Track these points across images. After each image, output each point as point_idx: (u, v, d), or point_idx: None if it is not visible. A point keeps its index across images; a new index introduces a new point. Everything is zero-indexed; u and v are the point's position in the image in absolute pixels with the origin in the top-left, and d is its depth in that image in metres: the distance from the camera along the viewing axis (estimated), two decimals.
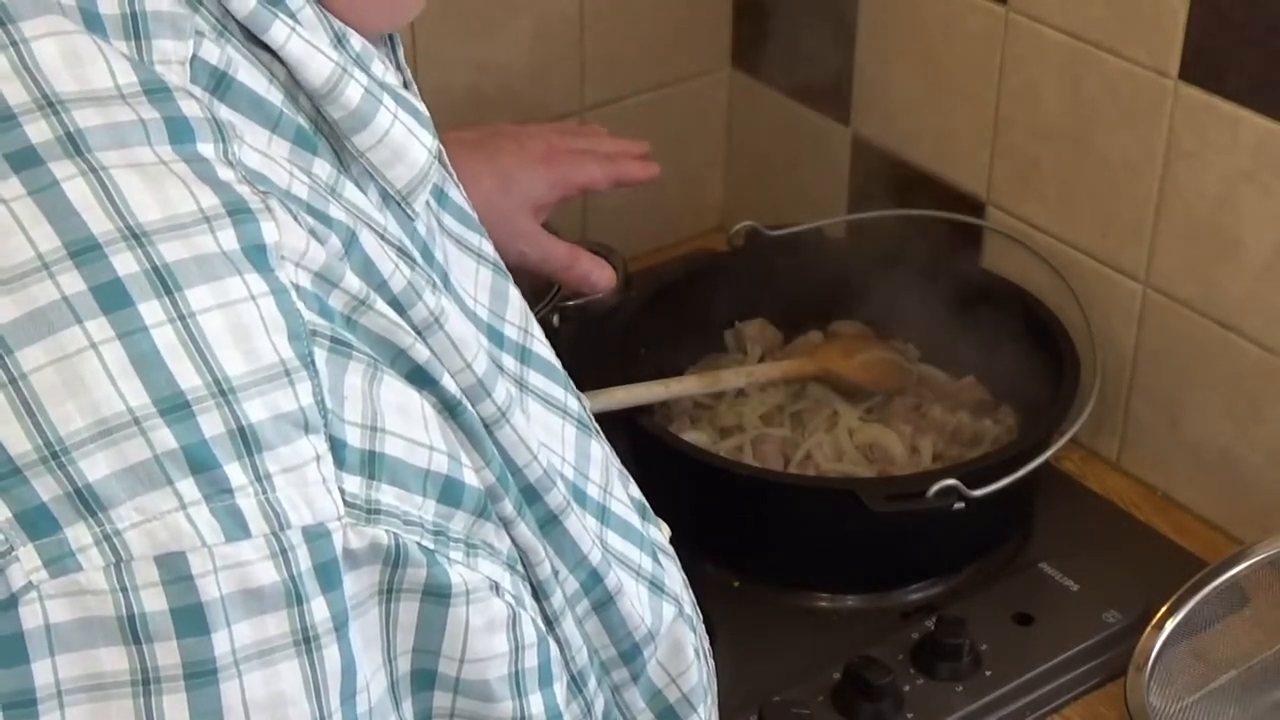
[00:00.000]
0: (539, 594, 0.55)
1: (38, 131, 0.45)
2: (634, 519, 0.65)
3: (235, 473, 0.44)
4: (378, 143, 0.53)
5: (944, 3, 1.27)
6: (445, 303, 0.53)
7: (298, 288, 0.47)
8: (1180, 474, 1.21)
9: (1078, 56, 1.18)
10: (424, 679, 0.50)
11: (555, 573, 0.57)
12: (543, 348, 0.63)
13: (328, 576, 0.45)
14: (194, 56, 0.49)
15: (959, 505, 1.04)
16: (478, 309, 0.60)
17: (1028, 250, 1.26)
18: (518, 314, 0.62)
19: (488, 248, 0.63)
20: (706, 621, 1.08)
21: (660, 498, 1.21)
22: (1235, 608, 1.11)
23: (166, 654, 0.43)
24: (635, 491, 0.68)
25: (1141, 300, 1.19)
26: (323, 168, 0.52)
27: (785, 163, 1.47)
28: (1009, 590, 1.10)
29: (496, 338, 0.60)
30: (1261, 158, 1.08)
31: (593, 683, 0.60)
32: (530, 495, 0.57)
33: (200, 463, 0.44)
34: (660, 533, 0.69)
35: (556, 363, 0.63)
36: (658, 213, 1.52)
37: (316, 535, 0.45)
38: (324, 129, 0.53)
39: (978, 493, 1.04)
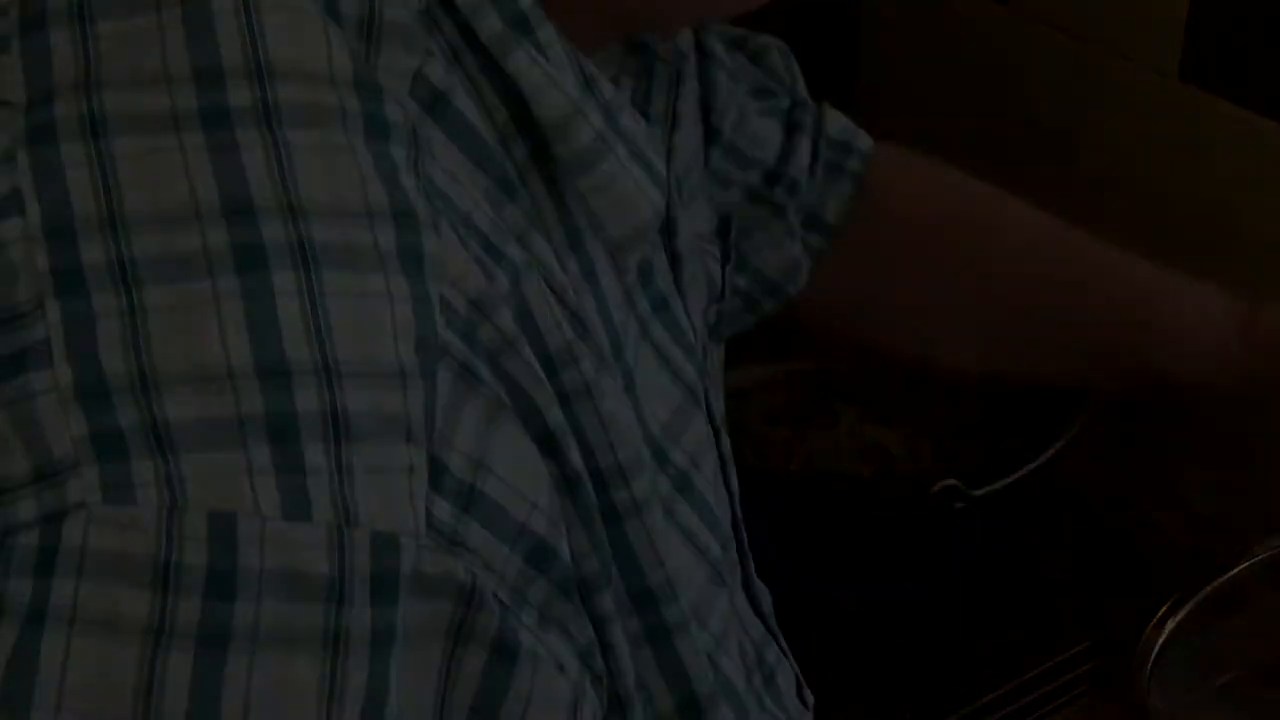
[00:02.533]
0: (621, 705, 0.53)
1: (238, 96, 0.46)
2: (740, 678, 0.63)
3: (314, 454, 0.43)
4: (600, 188, 0.53)
5: (944, 3, 1.27)
6: (606, 381, 0.52)
7: (448, 305, 0.46)
8: (1181, 474, 1.21)
9: (1078, 56, 1.18)
10: None
11: (645, 688, 0.55)
12: (706, 485, 0.61)
13: (383, 589, 0.43)
14: (418, 72, 0.49)
15: (959, 505, 1.04)
16: (651, 423, 0.59)
17: None
18: (693, 443, 0.61)
19: (689, 371, 0.62)
20: None
21: None
22: (1235, 608, 1.11)
23: (188, 610, 0.42)
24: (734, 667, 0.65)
25: None
26: (514, 214, 0.51)
27: None
28: (1009, 590, 1.10)
29: (661, 457, 0.59)
30: (1261, 158, 1.08)
31: None
32: (647, 600, 0.54)
33: (280, 432, 0.43)
34: None
35: (714, 507, 0.62)
36: None
37: (385, 544, 0.43)
38: (531, 180, 0.52)
39: (978, 493, 1.04)
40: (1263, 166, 1.08)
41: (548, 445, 0.49)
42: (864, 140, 0.95)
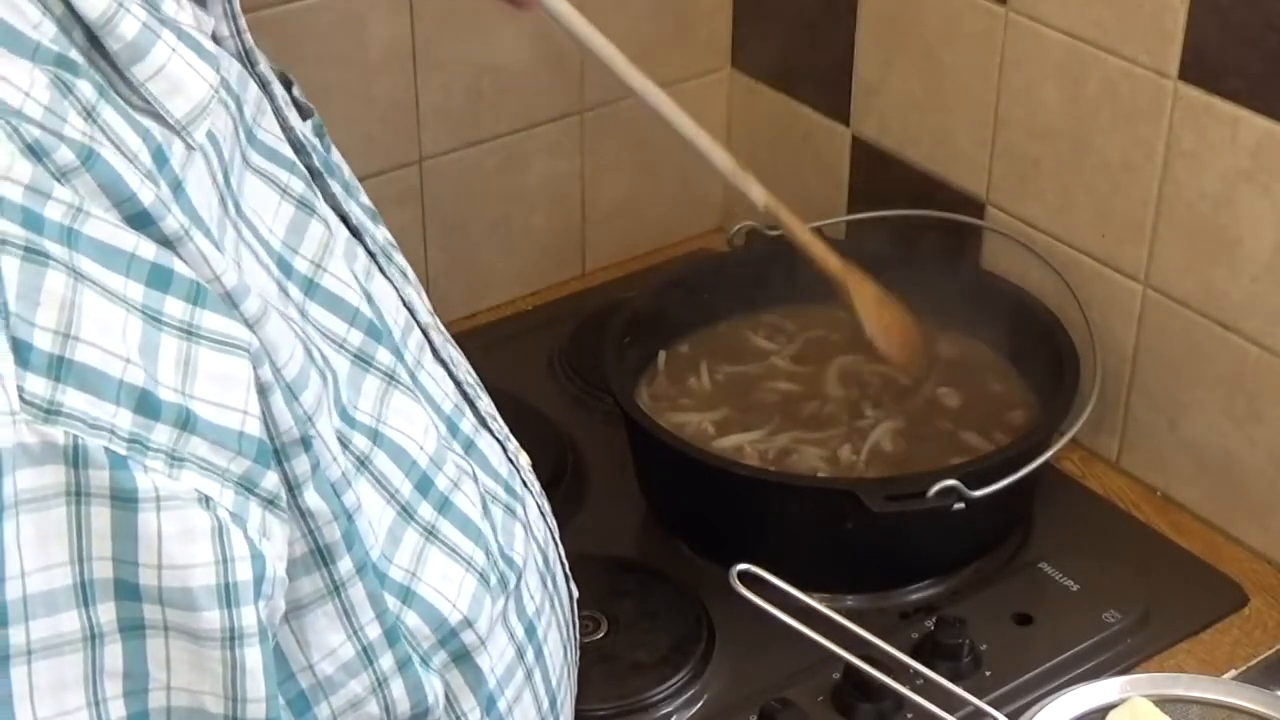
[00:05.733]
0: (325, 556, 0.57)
1: None
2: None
3: None
4: (156, 74, 0.56)
5: (944, 3, 1.27)
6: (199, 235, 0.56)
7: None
8: (1180, 474, 1.21)
9: (1078, 56, 1.18)
10: (127, 589, 0.50)
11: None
12: (335, 282, 0.65)
13: None
14: None
15: (959, 505, 1.04)
16: (270, 238, 0.63)
17: (1027, 250, 1.26)
18: (313, 249, 0.65)
19: (295, 184, 0.65)
20: (707, 621, 1.08)
21: (660, 496, 1.21)
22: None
23: None
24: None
25: (1141, 300, 1.19)
26: (85, 89, 0.54)
27: (785, 163, 1.47)
28: (1009, 590, 1.10)
29: (285, 267, 0.63)
30: (1261, 158, 1.08)
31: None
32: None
33: None
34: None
35: (350, 298, 0.65)
36: (658, 213, 1.52)
37: None
38: (97, 60, 0.56)
39: (978, 493, 1.04)
40: (1262, 166, 1.08)
41: (161, 281, 0.52)
42: None
